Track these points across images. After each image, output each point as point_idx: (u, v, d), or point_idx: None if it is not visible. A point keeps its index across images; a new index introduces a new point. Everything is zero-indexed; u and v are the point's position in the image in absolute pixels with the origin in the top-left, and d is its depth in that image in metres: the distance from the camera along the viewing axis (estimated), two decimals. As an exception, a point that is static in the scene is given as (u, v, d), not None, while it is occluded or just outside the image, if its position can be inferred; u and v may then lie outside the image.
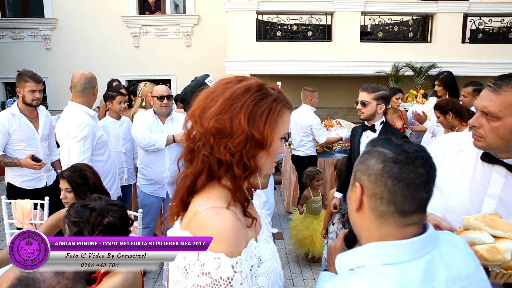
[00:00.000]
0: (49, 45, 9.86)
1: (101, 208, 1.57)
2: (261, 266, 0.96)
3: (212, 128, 0.92)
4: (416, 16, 8.25)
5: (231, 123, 0.91)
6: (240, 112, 0.91)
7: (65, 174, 2.30)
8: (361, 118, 2.90)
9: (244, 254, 0.89)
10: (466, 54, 7.88)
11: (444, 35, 7.86)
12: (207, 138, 0.93)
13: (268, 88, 0.97)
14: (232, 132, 0.91)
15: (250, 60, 7.84)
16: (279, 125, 0.95)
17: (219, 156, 0.92)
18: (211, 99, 0.95)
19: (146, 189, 3.44)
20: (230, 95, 0.93)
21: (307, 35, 8.06)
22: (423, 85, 7.00)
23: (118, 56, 9.67)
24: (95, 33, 9.59)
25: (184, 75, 9.62)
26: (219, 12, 8.78)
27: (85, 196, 2.24)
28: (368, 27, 8.42)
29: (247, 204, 1.00)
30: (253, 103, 0.93)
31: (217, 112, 0.92)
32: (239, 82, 0.97)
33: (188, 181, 0.97)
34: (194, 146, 0.96)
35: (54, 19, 9.69)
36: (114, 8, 9.51)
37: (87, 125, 2.83)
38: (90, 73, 3.02)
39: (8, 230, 3.16)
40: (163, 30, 9.77)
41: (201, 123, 0.94)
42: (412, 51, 7.87)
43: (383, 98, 2.79)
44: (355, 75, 8.26)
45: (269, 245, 1.05)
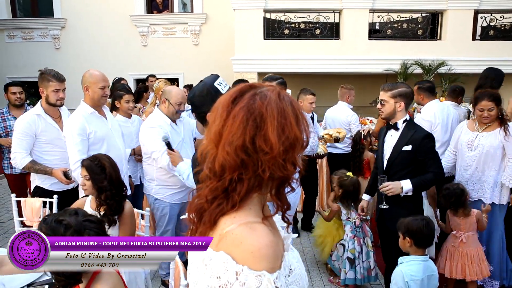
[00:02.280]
0: (59, 45, 9.96)
1: (77, 225, 1.47)
2: (292, 275, 0.96)
3: (281, 151, 0.88)
4: (426, 13, 8.16)
5: (292, 138, 0.89)
6: (291, 123, 0.90)
7: (85, 163, 2.41)
8: (382, 117, 2.88)
9: (282, 267, 0.89)
10: (476, 52, 7.77)
11: (454, 32, 7.76)
12: (272, 162, 0.88)
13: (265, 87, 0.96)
14: (294, 146, 0.90)
15: (257, 58, 7.83)
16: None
17: (282, 173, 0.89)
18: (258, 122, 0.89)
19: (173, 199, 3.17)
20: (278, 111, 0.90)
21: (314, 33, 8.03)
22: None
23: (126, 55, 9.73)
24: (103, 32, 9.67)
25: (192, 74, 9.66)
26: (226, 10, 8.77)
27: (102, 184, 2.34)
28: (376, 25, 8.35)
29: (287, 207, 0.99)
30: (291, 109, 0.92)
31: (279, 132, 0.88)
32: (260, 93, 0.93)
33: (230, 204, 0.91)
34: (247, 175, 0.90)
35: (63, 19, 9.78)
36: (122, 7, 9.57)
37: (77, 122, 2.88)
38: (86, 72, 3.02)
39: (18, 227, 3.20)
40: (171, 29, 9.80)
41: (261, 149, 0.88)
42: (421, 49, 7.79)
43: (402, 95, 2.72)
44: (363, 73, 8.21)
45: (294, 252, 1.05)
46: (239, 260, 0.84)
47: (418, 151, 2.66)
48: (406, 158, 2.70)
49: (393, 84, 2.81)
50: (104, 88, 2.96)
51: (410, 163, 2.70)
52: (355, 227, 3.39)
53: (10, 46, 10.04)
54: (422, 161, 2.68)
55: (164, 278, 3.44)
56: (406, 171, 2.71)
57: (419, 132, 2.71)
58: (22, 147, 3.02)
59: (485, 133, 3.18)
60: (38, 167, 3.04)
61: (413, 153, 2.67)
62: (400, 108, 2.73)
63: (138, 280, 2.45)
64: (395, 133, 2.79)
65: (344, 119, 4.87)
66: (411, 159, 2.69)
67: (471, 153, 3.21)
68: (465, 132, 3.31)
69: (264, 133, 0.88)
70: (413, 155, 2.68)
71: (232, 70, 7.90)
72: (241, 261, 0.84)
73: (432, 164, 2.67)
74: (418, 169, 2.70)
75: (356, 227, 3.39)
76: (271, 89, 0.94)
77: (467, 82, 7.39)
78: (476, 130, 3.23)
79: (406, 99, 2.75)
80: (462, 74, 7.52)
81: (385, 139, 2.87)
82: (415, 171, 2.70)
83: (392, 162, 2.77)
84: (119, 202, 2.38)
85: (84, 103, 2.99)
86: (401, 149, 2.71)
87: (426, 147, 2.66)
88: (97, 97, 2.95)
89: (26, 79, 10.21)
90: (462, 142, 3.28)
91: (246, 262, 0.84)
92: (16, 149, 3.03)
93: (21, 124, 3.06)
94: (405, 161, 2.71)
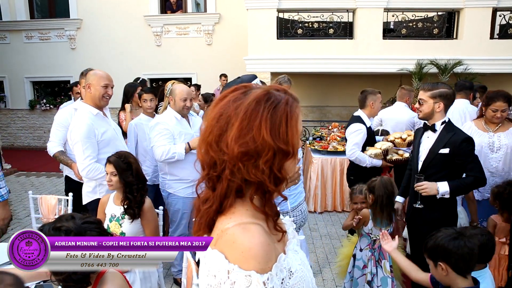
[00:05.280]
0: (74, 45, 10.11)
1: (76, 228, 1.45)
2: (292, 278, 0.95)
3: (238, 154, 0.88)
4: (442, 12, 8.03)
5: (255, 143, 0.88)
6: (260, 129, 0.88)
7: (112, 159, 2.47)
8: (419, 117, 2.79)
9: (274, 269, 0.88)
10: (494, 51, 7.60)
11: (471, 31, 7.60)
12: (232, 164, 0.90)
13: (275, 92, 0.93)
14: (259, 152, 0.88)
15: (270, 58, 7.81)
16: (298, 126, 0.93)
17: (249, 177, 0.90)
18: (224, 123, 0.91)
19: (185, 193, 3.18)
20: (244, 114, 0.89)
21: (328, 32, 7.97)
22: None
23: (140, 55, 9.83)
24: (118, 33, 9.79)
25: (205, 74, 9.71)
26: (240, 10, 8.79)
27: (128, 179, 2.42)
28: (391, 24, 8.25)
29: (277, 217, 0.99)
30: (270, 115, 0.89)
31: (238, 136, 0.88)
32: (244, 95, 0.93)
33: (214, 206, 0.94)
34: (216, 173, 0.93)
35: (79, 20, 9.94)
36: (136, 7, 9.67)
37: (85, 125, 2.76)
38: (90, 71, 2.96)
39: (34, 224, 3.26)
40: (185, 29, 9.86)
41: (221, 150, 0.90)
42: (436, 48, 7.66)
43: (442, 96, 2.62)
44: (377, 73, 8.12)
45: (298, 254, 1.04)
46: (231, 259, 0.85)
47: (456, 154, 2.57)
48: (443, 161, 2.61)
49: (434, 84, 2.71)
50: (106, 87, 2.84)
51: (446, 166, 2.61)
52: (373, 245, 2.83)
53: (28, 47, 10.25)
54: (460, 165, 2.58)
55: (176, 276, 3.45)
56: (442, 174, 2.61)
57: (458, 134, 2.61)
58: (58, 137, 3.31)
59: (501, 133, 3.14)
60: (63, 158, 3.24)
61: (450, 156, 2.58)
62: (439, 109, 2.63)
63: (152, 278, 2.47)
64: (432, 134, 2.70)
65: (408, 119, 4.64)
66: (447, 162, 2.60)
67: (494, 154, 3.15)
68: (477, 133, 3.23)
69: (227, 134, 0.89)
70: (450, 158, 2.58)
71: (245, 70, 7.91)
72: (232, 260, 0.85)
73: (472, 167, 2.56)
74: (454, 173, 2.61)
75: (373, 248, 2.83)
76: (259, 92, 0.93)
77: (484, 81, 7.25)
78: (488, 131, 3.18)
79: (446, 100, 2.64)
80: (479, 73, 7.38)
81: (422, 140, 2.78)
82: (450, 175, 2.61)
83: (428, 164, 2.68)
84: (143, 196, 2.48)
85: (85, 104, 2.85)
86: (438, 152, 2.62)
87: (465, 150, 2.56)
88: (98, 95, 2.81)
89: (43, 79, 10.45)
90: (481, 144, 3.19)
91: (237, 261, 0.85)
92: (52, 138, 3.34)
93: (60, 117, 3.39)
94: (441, 163, 2.62)
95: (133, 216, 2.43)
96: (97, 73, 2.88)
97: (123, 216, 2.46)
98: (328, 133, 6.48)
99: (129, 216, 2.43)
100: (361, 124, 3.77)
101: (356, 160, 3.77)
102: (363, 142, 3.77)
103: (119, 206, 2.48)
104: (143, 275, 2.39)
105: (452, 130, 2.64)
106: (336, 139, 5.90)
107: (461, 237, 1.74)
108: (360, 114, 3.85)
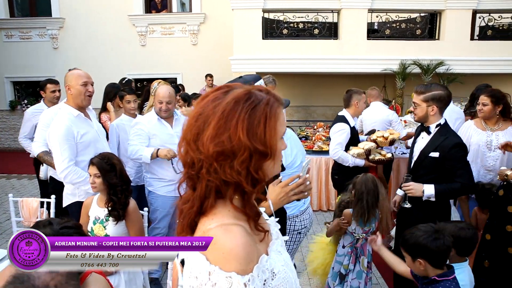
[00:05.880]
0: (57, 44, 9.93)
1: (54, 234, 1.40)
2: (275, 279, 0.95)
3: (213, 153, 0.88)
4: (424, 13, 8.17)
5: (231, 143, 0.87)
6: (237, 129, 0.87)
7: (95, 161, 2.43)
8: (415, 120, 2.78)
9: (256, 271, 0.88)
10: (474, 51, 7.78)
11: (453, 32, 7.76)
12: (209, 163, 0.89)
13: (256, 93, 0.93)
14: (234, 152, 0.88)
15: (256, 58, 7.82)
16: (278, 128, 0.92)
17: (225, 178, 0.89)
18: (202, 122, 0.91)
19: (165, 191, 3.21)
20: (222, 114, 0.89)
21: (313, 33, 8.02)
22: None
23: (124, 55, 9.71)
24: (101, 32, 9.65)
25: (191, 74, 9.65)
26: (225, 10, 8.76)
27: (112, 181, 2.38)
28: (375, 25, 8.35)
29: (258, 217, 0.98)
30: (247, 115, 0.89)
31: (213, 135, 0.88)
32: (225, 94, 0.93)
33: (195, 206, 0.93)
34: (194, 172, 0.92)
35: (61, 19, 9.76)
36: (120, 7, 9.55)
37: (63, 126, 2.71)
38: (68, 71, 2.91)
39: (15, 228, 3.19)
40: (170, 28, 9.79)
41: (198, 149, 0.90)
42: (419, 49, 7.79)
43: (435, 99, 2.56)
44: (362, 73, 8.21)
45: (281, 255, 1.03)
46: (212, 260, 0.85)
47: (446, 159, 2.51)
48: (432, 164, 2.57)
49: (426, 86, 2.64)
50: (85, 84, 2.77)
51: (435, 170, 2.56)
52: (355, 243, 2.87)
53: (8, 46, 10.01)
54: (450, 170, 2.52)
55: (153, 275, 3.40)
56: (431, 177, 2.57)
57: (450, 139, 2.53)
58: (43, 137, 3.23)
59: (499, 132, 3.17)
60: (47, 158, 3.19)
61: (440, 160, 2.53)
62: (433, 112, 2.57)
63: (137, 280, 2.45)
64: (426, 136, 2.65)
65: (384, 118, 4.67)
66: (437, 166, 2.55)
67: (491, 153, 3.18)
68: (476, 132, 3.26)
69: (204, 133, 0.90)
70: (439, 162, 2.53)
71: (231, 70, 7.90)
72: (213, 261, 0.85)
73: (461, 174, 2.50)
74: (445, 177, 2.55)
75: (355, 247, 2.87)
76: (240, 91, 0.93)
77: (465, 81, 7.41)
78: (487, 129, 3.21)
79: (439, 103, 2.56)
80: (460, 74, 7.53)
81: (417, 140, 2.76)
82: (440, 178, 2.55)
83: (418, 165, 2.66)
84: (127, 197, 2.46)
85: (67, 105, 2.80)
86: (428, 155, 2.58)
87: (455, 155, 2.50)
88: (79, 94, 2.74)
89: (24, 79, 10.22)
90: (478, 142, 3.21)
91: (217, 262, 0.85)
92: (37, 138, 3.34)
93: (45, 117, 3.34)
94: (431, 167, 2.57)
95: (117, 218, 2.40)
96: (74, 72, 2.84)
97: (107, 218, 2.43)
98: (313, 133, 6.52)
99: (114, 218, 2.40)
100: (345, 124, 3.81)
101: (339, 160, 3.80)
102: (346, 141, 3.81)
103: (103, 208, 2.45)
104: (128, 277, 2.37)
105: (445, 134, 2.58)
106: (321, 139, 5.95)
107: (441, 236, 1.81)
108: (345, 114, 3.89)
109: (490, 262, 2.66)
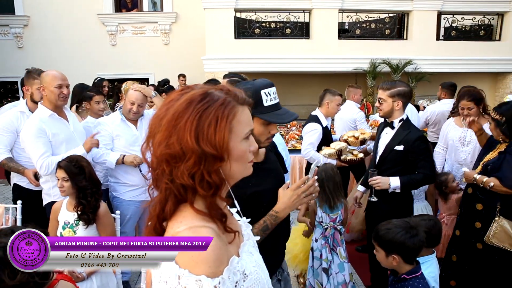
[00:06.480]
0: (21, 43, 9.56)
1: None
2: (247, 280, 0.94)
3: (163, 155, 0.87)
4: (393, 14, 8.39)
5: (180, 145, 0.86)
6: (185, 131, 0.86)
7: (62, 164, 2.36)
8: (380, 115, 2.90)
9: (226, 273, 0.87)
10: (441, 51, 8.07)
11: (419, 32, 8.03)
12: (162, 166, 0.89)
13: (214, 93, 0.91)
14: (184, 154, 0.86)
15: (228, 58, 7.80)
16: (234, 129, 0.90)
17: (179, 181, 0.88)
18: (156, 124, 0.89)
19: (128, 196, 3.16)
20: (172, 115, 0.87)
21: (285, 32, 8.09)
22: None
23: (94, 55, 9.47)
24: (69, 31, 9.36)
25: (163, 74, 9.51)
26: (197, 9, 8.70)
27: (82, 184, 2.32)
28: (345, 24, 8.51)
29: (225, 219, 0.96)
30: (197, 117, 0.86)
31: (164, 136, 0.87)
32: (181, 96, 0.91)
33: (157, 209, 0.92)
34: (153, 174, 0.92)
35: (25, 16, 9.40)
36: (89, 5, 9.31)
37: (33, 125, 2.72)
38: (43, 72, 2.89)
39: (-21, 235, 3.05)
40: (140, 28, 9.62)
41: (153, 150, 0.90)
42: (389, 48, 8.01)
43: (400, 94, 2.72)
44: (333, 72, 8.34)
45: (252, 256, 1.03)
46: (181, 264, 0.84)
47: (410, 152, 2.67)
48: (397, 157, 2.72)
49: (392, 83, 2.80)
50: (60, 87, 2.77)
51: (400, 162, 2.72)
52: (324, 232, 2.98)
53: (-31, 45, 9.56)
54: (413, 162, 2.69)
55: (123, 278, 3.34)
56: (396, 170, 2.73)
57: (412, 133, 2.71)
58: (3, 143, 3.01)
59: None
60: (12, 165, 3.00)
61: (404, 153, 2.69)
62: (398, 107, 2.73)
63: (110, 284, 2.41)
64: (390, 131, 2.81)
65: (350, 117, 4.72)
66: (401, 159, 2.71)
67: (464, 148, 3.33)
68: (453, 128, 3.42)
69: (157, 135, 0.89)
70: (404, 155, 2.69)
71: (203, 70, 7.85)
72: (182, 265, 0.84)
73: (423, 165, 2.68)
74: (409, 169, 2.72)
75: (326, 236, 2.97)
76: (196, 92, 0.91)
77: (432, 80, 7.67)
78: (463, 126, 3.34)
79: (404, 98, 2.73)
80: (428, 72, 7.80)
81: (381, 136, 2.90)
82: (405, 170, 2.72)
83: (384, 159, 2.80)
84: (97, 200, 2.40)
85: (42, 106, 2.82)
86: (393, 148, 2.73)
87: (418, 148, 2.66)
88: (53, 96, 2.76)
89: (-13, 79, 9.79)
90: (453, 138, 3.38)
91: (187, 266, 0.83)
92: None
93: (4, 121, 3.05)
94: (396, 160, 2.73)
95: (87, 222, 2.35)
96: (49, 74, 2.80)
97: (77, 222, 2.37)
98: (286, 132, 6.58)
99: (84, 222, 2.35)
100: (317, 124, 3.85)
101: (310, 160, 3.85)
102: (318, 141, 3.85)
103: (72, 212, 2.38)
104: (101, 282, 2.32)
105: (408, 128, 2.75)
106: (295, 138, 6.02)
107: (416, 232, 1.85)
108: (317, 114, 3.93)
109: (458, 257, 2.79)
